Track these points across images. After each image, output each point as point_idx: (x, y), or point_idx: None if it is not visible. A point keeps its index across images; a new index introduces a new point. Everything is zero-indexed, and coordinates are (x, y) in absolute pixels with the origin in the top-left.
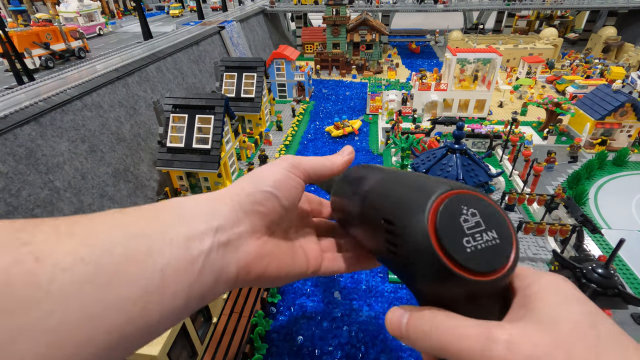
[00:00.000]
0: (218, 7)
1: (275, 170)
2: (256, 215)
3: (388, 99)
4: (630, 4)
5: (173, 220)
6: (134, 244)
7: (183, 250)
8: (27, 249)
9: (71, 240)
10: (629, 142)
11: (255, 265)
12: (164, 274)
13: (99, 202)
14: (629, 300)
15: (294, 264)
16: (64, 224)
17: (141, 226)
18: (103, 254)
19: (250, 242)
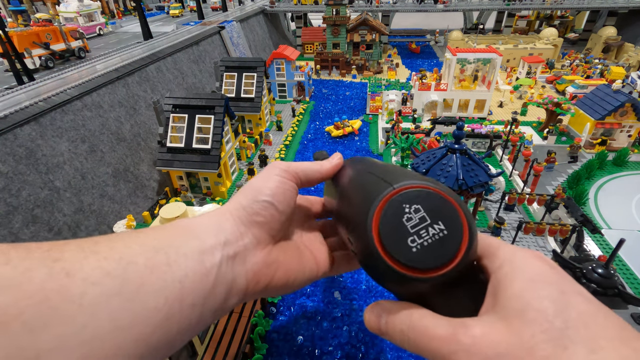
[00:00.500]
0: (218, 7)
1: (268, 179)
2: (256, 226)
3: (388, 99)
4: (630, 4)
5: (184, 236)
6: (154, 256)
7: (197, 263)
8: (59, 265)
9: (96, 256)
10: (629, 142)
11: (263, 275)
12: (183, 285)
13: (99, 202)
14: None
15: (303, 268)
16: (86, 243)
17: (157, 241)
18: (128, 265)
19: (256, 253)
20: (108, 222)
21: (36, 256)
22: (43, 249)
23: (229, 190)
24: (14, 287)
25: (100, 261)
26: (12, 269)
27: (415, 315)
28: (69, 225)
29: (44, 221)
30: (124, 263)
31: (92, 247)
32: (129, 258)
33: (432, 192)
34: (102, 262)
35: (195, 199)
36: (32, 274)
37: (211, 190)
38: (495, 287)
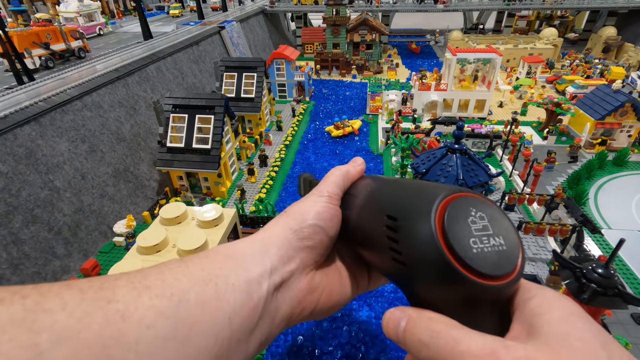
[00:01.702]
0: (218, 7)
1: (315, 203)
2: (305, 251)
3: (388, 99)
4: (630, 3)
5: (230, 264)
6: (204, 289)
7: (245, 296)
8: (113, 307)
9: (149, 293)
10: (629, 142)
11: (307, 301)
12: (232, 322)
13: (99, 202)
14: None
15: (344, 290)
16: (136, 277)
17: (206, 271)
18: (180, 303)
19: (301, 279)
20: (108, 222)
21: (90, 297)
22: (95, 288)
23: (229, 190)
24: (72, 337)
25: (153, 299)
26: (68, 315)
27: (441, 325)
28: (69, 225)
29: (44, 221)
30: (176, 300)
31: (143, 281)
32: (180, 295)
33: (494, 207)
34: (155, 300)
35: (195, 199)
36: (89, 319)
37: (211, 190)
38: (526, 316)
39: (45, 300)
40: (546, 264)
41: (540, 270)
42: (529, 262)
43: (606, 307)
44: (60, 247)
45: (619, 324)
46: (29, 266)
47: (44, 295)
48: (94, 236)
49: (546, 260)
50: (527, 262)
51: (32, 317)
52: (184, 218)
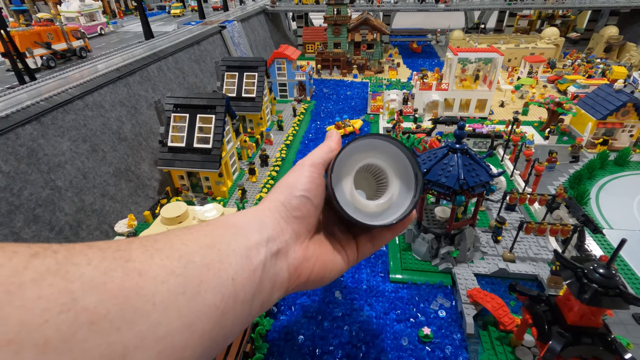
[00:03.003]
0: (219, 7)
1: (300, 174)
2: (295, 222)
3: (389, 98)
4: (632, 3)
5: (230, 232)
6: (208, 252)
7: (245, 260)
8: (131, 265)
9: (160, 255)
10: (631, 141)
11: (303, 269)
12: (235, 282)
13: (100, 202)
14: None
15: (336, 259)
16: (147, 242)
17: (208, 238)
18: (188, 264)
19: (296, 248)
20: (109, 221)
21: (109, 256)
22: (113, 249)
23: (230, 189)
24: (99, 287)
25: (164, 260)
26: (94, 269)
27: None
28: (70, 224)
29: (46, 220)
30: (184, 261)
31: (154, 245)
32: (188, 257)
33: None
34: (166, 261)
35: (196, 198)
36: (112, 273)
37: (212, 190)
38: None
39: (73, 255)
40: (547, 264)
41: (541, 270)
42: (531, 262)
43: (608, 307)
44: None
45: (621, 324)
46: None
47: (70, 252)
48: (95, 235)
49: (547, 260)
50: (528, 263)
51: (64, 269)
52: (185, 217)
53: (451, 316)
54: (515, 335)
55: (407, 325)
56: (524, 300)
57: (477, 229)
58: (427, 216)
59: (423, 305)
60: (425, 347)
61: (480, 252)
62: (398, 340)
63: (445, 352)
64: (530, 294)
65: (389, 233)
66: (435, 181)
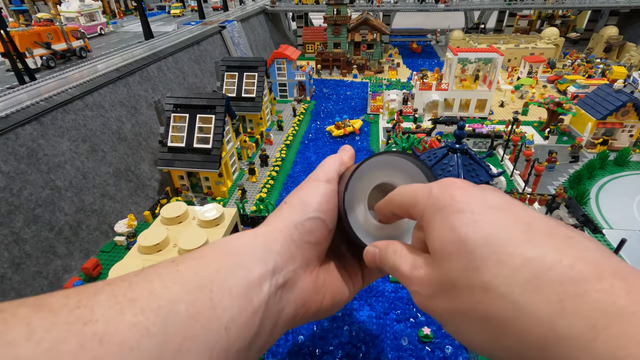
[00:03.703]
0: (219, 7)
1: (316, 191)
2: (307, 247)
3: (389, 98)
4: (632, 3)
5: (228, 264)
6: (197, 297)
7: (244, 302)
8: (90, 330)
9: (133, 308)
10: (631, 142)
11: (312, 301)
12: (229, 332)
13: (100, 202)
14: None
15: (344, 289)
16: (120, 289)
17: (199, 275)
18: (169, 316)
19: (305, 278)
20: (109, 221)
21: (62, 319)
22: (70, 306)
23: (230, 190)
24: None
25: (137, 315)
26: (34, 346)
27: (391, 253)
28: (70, 224)
29: (45, 220)
30: (164, 314)
31: (128, 293)
32: (169, 306)
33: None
34: (139, 316)
35: (196, 198)
36: (60, 348)
37: (212, 190)
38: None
39: (9, 328)
40: None
41: None
42: None
43: None
44: (62, 247)
45: None
46: (30, 265)
47: (8, 322)
48: (95, 235)
49: None
50: None
51: None
52: (184, 217)
53: None
54: None
55: (407, 325)
56: None
57: None
58: None
59: None
60: (425, 347)
61: None
62: (398, 340)
63: (445, 352)
64: None
65: None
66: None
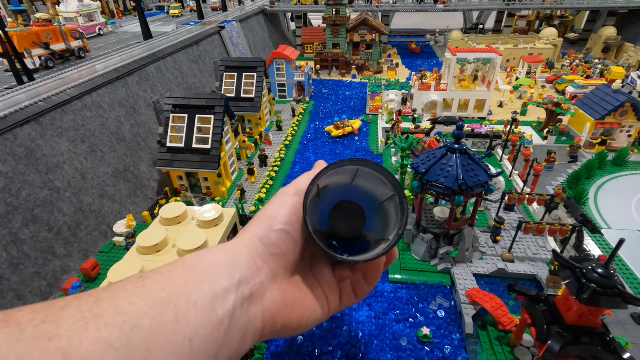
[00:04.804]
0: (218, 7)
1: (281, 204)
2: (273, 260)
3: (388, 99)
4: (630, 3)
5: (195, 277)
6: (161, 312)
7: (209, 313)
8: (54, 345)
9: (97, 323)
10: (629, 142)
11: (280, 314)
12: (193, 344)
13: (99, 202)
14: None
15: (315, 307)
16: (86, 304)
17: (166, 290)
18: (132, 331)
19: (273, 290)
20: (108, 222)
21: (28, 335)
22: (36, 321)
23: (229, 190)
24: None
25: (101, 330)
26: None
27: None
28: (69, 225)
29: (44, 221)
30: (128, 329)
31: (94, 309)
32: (133, 321)
33: None
34: (103, 331)
35: (195, 199)
36: None
37: (211, 190)
38: None
39: None
40: (546, 264)
41: (540, 270)
42: (530, 262)
43: (606, 307)
44: (60, 247)
45: (619, 323)
46: (29, 266)
47: None
48: (94, 236)
49: (546, 260)
50: (527, 263)
51: None
52: (184, 218)
53: (450, 316)
54: (514, 335)
55: (406, 326)
56: (523, 300)
57: (476, 229)
58: (426, 216)
59: (422, 305)
60: (425, 347)
61: (479, 252)
62: (397, 341)
63: (445, 352)
64: (529, 294)
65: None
66: (434, 181)
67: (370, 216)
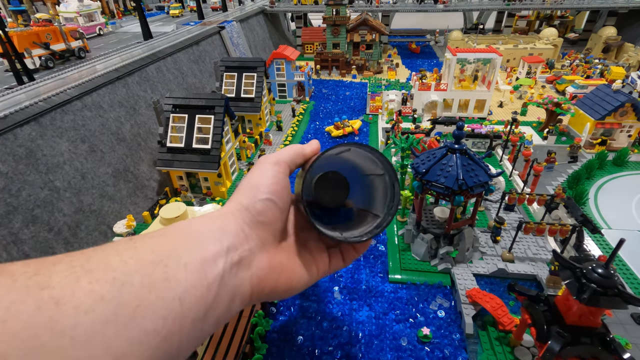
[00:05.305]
0: (218, 7)
1: (263, 174)
2: (261, 227)
3: (388, 99)
4: (630, 3)
5: (185, 242)
6: (151, 271)
7: (199, 275)
8: (47, 293)
9: (89, 277)
10: (629, 142)
11: (268, 280)
12: (183, 302)
13: (99, 202)
14: (628, 300)
15: (304, 271)
16: (78, 261)
17: (156, 252)
18: (123, 286)
19: (261, 257)
20: (108, 222)
21: (21, 284)
22: (29, 273)
23: (229, 190)
24: None
25: (93, 283)
26: None
27: None
28: (69, 225)
29: (44, 221)
30: (119, 284)
31: (85, 265)
32: (123, 277)
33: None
34: (95, 284)
35: (195, 199)
36: (18, 307)
37: (211, 190)
38: None
39: None
40: (546, 264)
41: (540, 270)
42: (530, 262)
43: (606, 307)
44: (60, 247)
45: (619, 323)
46: None
47: None
48: (94, 236)
49: (546, 260)
50: (527, 263)
51: None
52: (184, 218)
53: (450, 316)
54: (514, 335)
55: (406, 326)
56: (523, 300)
57: (476, 229)
58: (426, 216)
59: (422, 305)
60: (425, 348)
61: (479, 252)
62: (397, 341)
63: (445, 352)
64: (529, 294)
65: (357, 248)
66: (434, 181)
67: (353, 185)
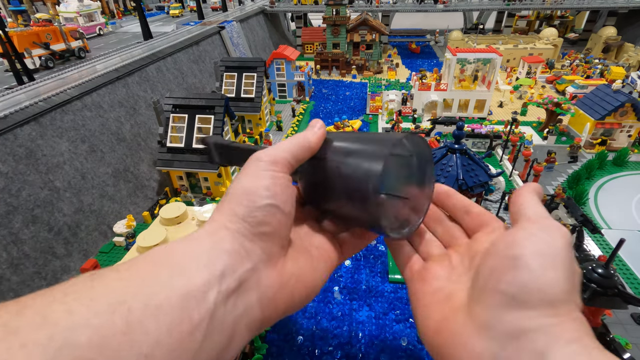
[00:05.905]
0: (218, 7)
1: (258, 176)
2: (264, 239)
3: (388, 99)
4: (630, 3)
5: (161, 275)
6: (106, 320)
7: (178, 317)
8: None
9: (12, 342)
10: (629, 142)
11: (281, 296)
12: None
13: (99, 202)
14: (629, 300)
15: (317, 273)
16: (6, 315)
17: (117, 292)
18: (62, 349)
19: (269, 273)
20: (108, 222)
21: None
22: None
23: None
24: None
25: (14, 349)
26: None
27: None
28: (69, 225)
29: (44, 221)
30: (56, 346)
31: (13, 321)
32: (65, 335)
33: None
34: (19, 351)
35: (196, 199)
36: None
37: (211, 191)
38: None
39: None
40: None
41: None
42: None
43: (606, 307)
44: (60, 247)
45: (619, 324)
46: (29, 266)
47: None
48: (94, 236)
49: None
50: None
51: None
52: (184, 218)
53: None
54: None
55: (406, 326)
56: None
57: None
58: None
59: None
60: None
61: None
62: (397, 341)
63: None
64: None
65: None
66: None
67: None
